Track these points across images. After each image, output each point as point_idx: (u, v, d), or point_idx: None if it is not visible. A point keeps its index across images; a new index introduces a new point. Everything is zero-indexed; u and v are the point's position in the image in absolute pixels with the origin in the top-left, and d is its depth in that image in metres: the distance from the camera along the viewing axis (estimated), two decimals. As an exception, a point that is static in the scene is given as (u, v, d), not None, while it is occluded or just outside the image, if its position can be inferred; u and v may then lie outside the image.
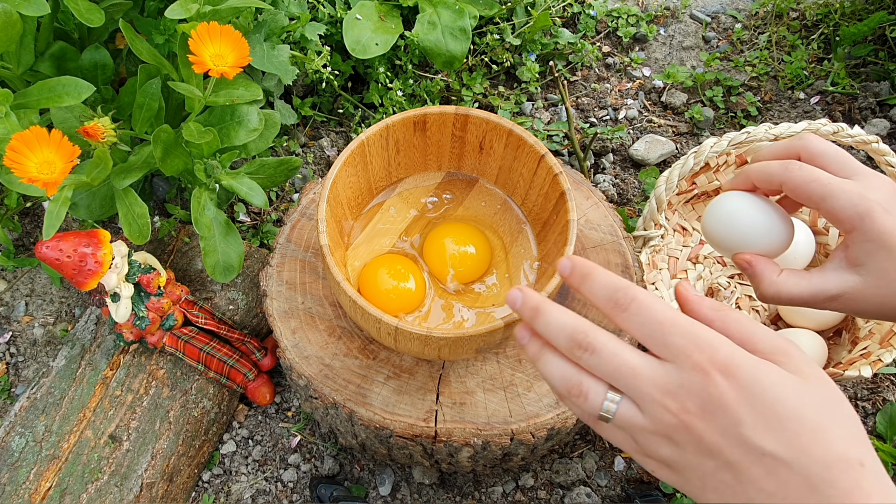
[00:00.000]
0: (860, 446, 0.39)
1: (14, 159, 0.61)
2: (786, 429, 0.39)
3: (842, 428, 0.39)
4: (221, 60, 0.67)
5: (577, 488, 0.91)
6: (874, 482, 0.38)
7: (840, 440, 0.39)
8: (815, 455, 0.38)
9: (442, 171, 0.78)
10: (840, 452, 0.39)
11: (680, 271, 1.01)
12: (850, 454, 0.39)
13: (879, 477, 0.39)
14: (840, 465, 0.38)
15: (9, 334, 1.02)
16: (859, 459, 0.39)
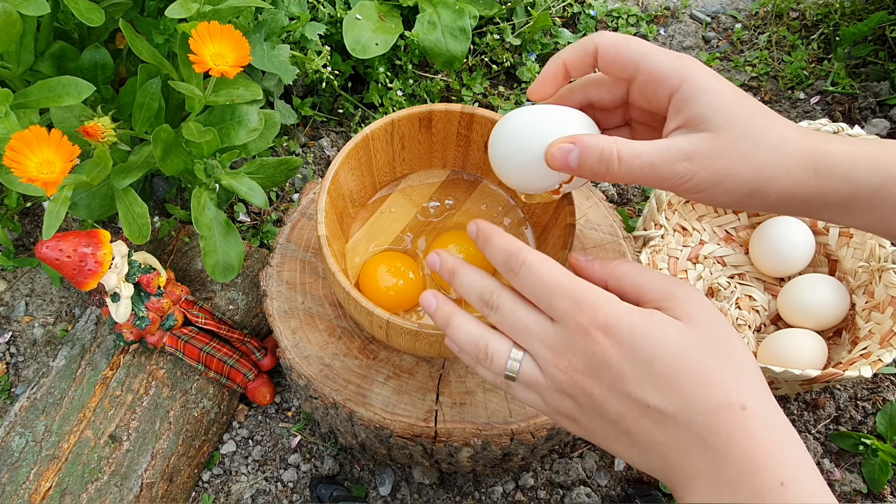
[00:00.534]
0: (743, 389, 0.39)
1: (14, 159, 0.61)
2: (667, 381, 0.39)
3: (724, 373, 0.40)
4: (222, 60, 0.67)
5: (577, 488, 0.91)
6: (757, 423, 0.38)
7: (721, 386, 0.39)
8: (697, 404, 0.39)
9: (447, 168, 0.78)
10: (721, 399, 0.39)
11: (680, 271, 1.01)
12: (732, 399, 0.39)
13: (764, 417, 0.39)
14: (721, 411, 0.39)
15: (9, 334, 1.02)
16: (741, 403, 0.39)
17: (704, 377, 0.39)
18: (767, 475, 0.37)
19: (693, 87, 0.44)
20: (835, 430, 0.95)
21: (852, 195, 0.44)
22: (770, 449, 0.38)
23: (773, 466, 0.37)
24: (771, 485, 0.37)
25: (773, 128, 0.44)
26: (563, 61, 0.50)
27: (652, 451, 0.41)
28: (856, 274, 0.94)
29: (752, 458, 0.38)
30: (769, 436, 0.38)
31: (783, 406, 0.96)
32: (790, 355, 0.87)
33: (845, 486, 0.90)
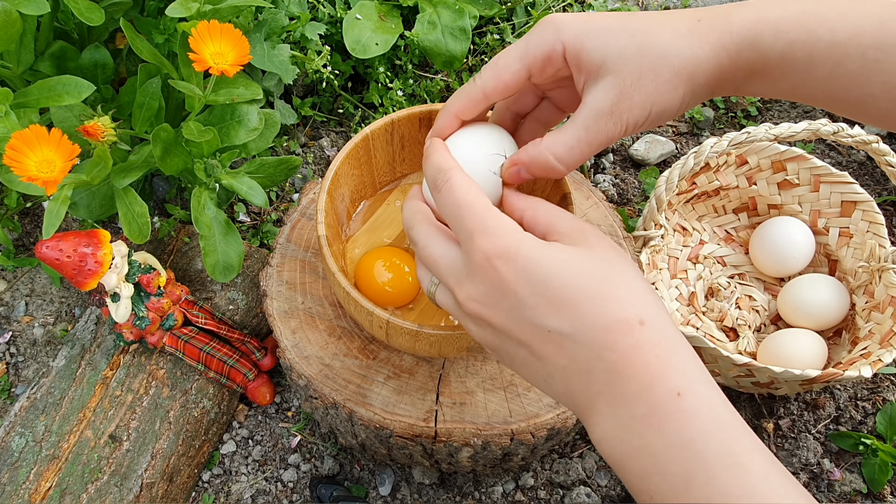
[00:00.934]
0: (641, 306, 0.39)
1: (14, 158, 0.61)
2: (564, 302, 0.40)
3: (620, 290, 0.40)
4: (222, 59, 0.67)
5: (577, 488, 0.91)
6: (654, 337, 0.39)
7: (619, 302, 0.39)
8: (595, 323, 0.39)
9: None
10: (619, 315, 0.39)
11: (680, 271, 1.01)
12: (629, 314, 0.39)
13: (661, 331, 0.39)
14: (619, 326, 0.39)
15: (9, 334, 1.02)
16: (639, 318, 0.39)
17: (602, 295, 0.39)
18: (664, 387, 0.38)
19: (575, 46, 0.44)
20: (835, 430, 0.95)
21: (764, 63, 0.43)
22: (667, 360, 0.38)
23: (669, 377, 0.38)
24: (668, 395, 0.38)
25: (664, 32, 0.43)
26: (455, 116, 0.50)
27: (556, 377, 0.41)
28: (856, 274, 0.94)
29: (649, 371, 0.38)
30: (666, 348, 0.39)
31: (783, 406, 0.96)
32: (790, 355, 0.87)
33: (845, 486, 0.90)
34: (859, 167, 1.16)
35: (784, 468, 0.38)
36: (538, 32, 0.45)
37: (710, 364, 0.86)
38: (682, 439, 0.37)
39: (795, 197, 0.99)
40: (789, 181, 0.98)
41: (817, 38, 0.42)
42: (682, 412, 0.37)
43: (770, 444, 0.92)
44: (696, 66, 0.43)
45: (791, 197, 0.99)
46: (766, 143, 0.92)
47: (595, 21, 0.44)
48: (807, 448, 0.92)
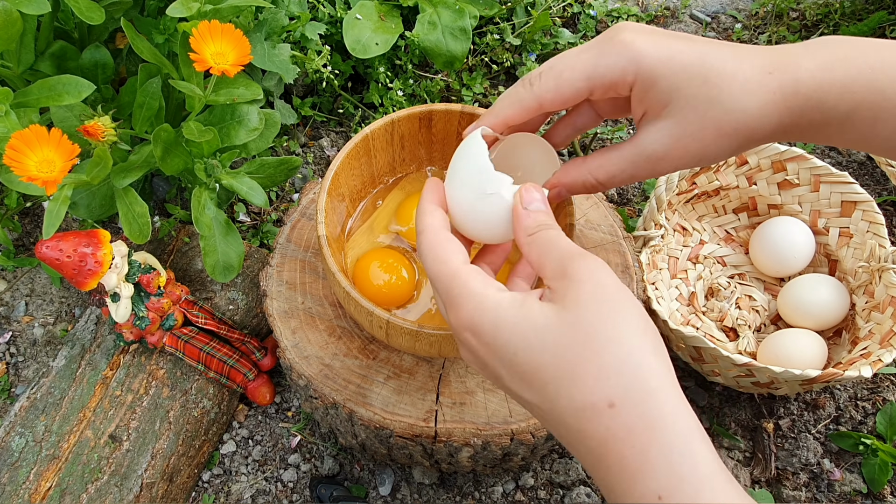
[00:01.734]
0: (611, 386, 0.36)
1: (14, 158, 0.61)
2: (531, 380, 0.38)
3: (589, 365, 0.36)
4: (222, 58, 0.67)
5: (577, 488, 0.91)
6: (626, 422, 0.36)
7: (584, 383, 0.36)
8: (563, 405, 0.37)
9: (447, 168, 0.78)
10: (586, 399, 0.36)
11: (680, 271, 1.01)
12: (596, 397, 0.36)
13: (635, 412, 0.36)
14: (587, 412, 0.36)
15: (9, 334, 1.02)
16: (608, 401, 0.36)
17: (567, 373, 0.37)
18: (646, 488, 0.35)
19: (646, 80, 0.43)
20: (835, 430, 0.95)
21: (825, 121, 0.43)
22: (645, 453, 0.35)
23: (649, 476, 0.35)
24: (649, 498, 0.35)
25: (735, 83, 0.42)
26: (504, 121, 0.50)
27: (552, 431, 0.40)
28: (856, 274, 0.94)
29: (627, 466, 0.35)
30: (641, 436, 0.35)
31: (783, 406, 0.96)
32: (790, 355, 0.87)
33: (845, 486, 0.90)
34: (859, 167, 1.16)
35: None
36: (611, 54, 0.44)
37: (710, 364, 0.86)
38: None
39: (795, 197, 0.99)
40: (789, 181, 0.98)
41: (884, 98, 0.41)
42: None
43: (770, 444, 0.92)
44: (757, 124, 0.43)
45: (791, 197, 0.99)
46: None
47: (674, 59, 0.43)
48: (807, 448, 0.92)
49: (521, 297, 0.40)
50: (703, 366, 0.88)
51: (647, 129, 0.45)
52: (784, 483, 0.90)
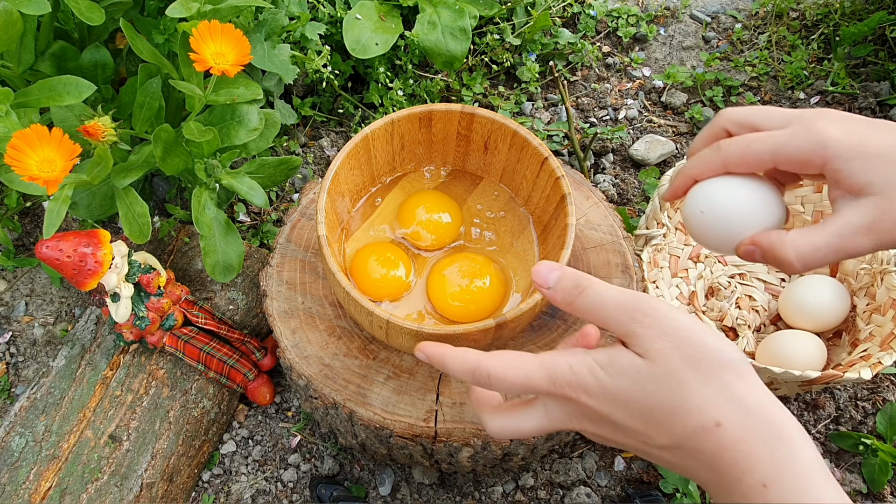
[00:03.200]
0: (713, 406, 0.42)
1: (15, 157, 0.61)
2: (647, 420, 0.43)
3: (692, 398, 0.42)
4: (222, 58, 0.67)
5: (577, 488, 0.91)
6: (734, 435, 0.41)
7: (692, 413, 0.42)
8: (678, 433, 0.42)
9: (447, 166, 0.78)
10: (695, 423, 0.42)
11: (681, 270, 1.01)
12: (705, 420, 0.41)
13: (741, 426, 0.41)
14: (699, 434, 0.41)
15: (9, 334, 1.02)
16: (715, 420, 0.41)
17: (675, 409, 0.42)
18: (752, 479, 0.40)
19: (839, 164, 0.45)
20: (835, 430, 0.95)
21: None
22: (752, 452, 0.40)
23: (756, 469, 0.40)
24: (756, 487, 0.40)
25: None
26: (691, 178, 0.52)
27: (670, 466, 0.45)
28: (857, 276, 0.94)
29: (737, 465, 0.40)
30: (748, 441, 0.40)
31: (783, 406, 0.96)
32: (789, 356, 0.87)
33: (845, 486, 0.90)
34: (859, 167, 1.16)
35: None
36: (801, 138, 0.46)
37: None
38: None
39: (798, 197, 0.99)
40: (790, 181, 0.98)
41: None
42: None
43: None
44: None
45: (794, 197, 0.99)
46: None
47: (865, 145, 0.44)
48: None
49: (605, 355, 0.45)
50: (704, 366, 0.88)
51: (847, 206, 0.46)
52: (784, 483, 0.90)
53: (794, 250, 0.47)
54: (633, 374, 0.43)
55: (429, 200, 0.74)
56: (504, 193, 0.77)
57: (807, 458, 0.40)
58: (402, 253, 0.73)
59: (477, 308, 0.69)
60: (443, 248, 0.74)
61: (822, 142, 0.45)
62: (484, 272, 0.70)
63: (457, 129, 0.72)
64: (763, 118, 0.49)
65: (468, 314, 0.68)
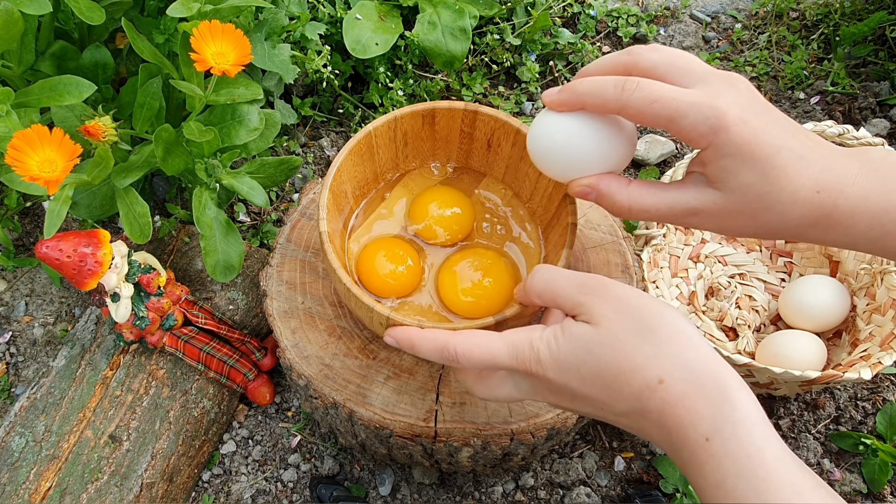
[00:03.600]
0: (656, 364, 0.43)
1: (15, 157, 0.61)
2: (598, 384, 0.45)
3: (636, 357, 0.44)
4: (223, 58, 0.67)
5: (577, 488, 0.91)
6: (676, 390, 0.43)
7: (636, 371, 0.44)
8: (626, 394, 0.44)
9: (450, 165, 0.78)
10: (641, 382, 0.44)
11: (681, 270, 1.01)
12: (648, 377, 0.43)
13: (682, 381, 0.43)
14: (646, 392, 0.43)
15: (9, 334, 1.02)
16: (658, 378, 0.43)
17: (621, 369, 0.44)
18: (695, 433, 0.42)
19: (717, 155, 0.46)
20: (835, 430, 0.95)
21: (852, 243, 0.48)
22: (694, 409, 0.42)
23: (699, 424, 0.42)
24: (699, 442, 0.42)
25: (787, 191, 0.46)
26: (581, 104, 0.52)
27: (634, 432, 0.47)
28: (857, 276, 0.94)
29: (681, 422, 0.42)
30: (689, 396, 0.42)
31: (783, 406, 0.96)
32: (789, 356, 0.87)
33: (845, 486, 0.91)
34: (859, 167, 1.16)
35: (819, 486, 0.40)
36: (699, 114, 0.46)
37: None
38: (715, 480, 0.41)
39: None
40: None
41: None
42: (713, 456, 0.41)
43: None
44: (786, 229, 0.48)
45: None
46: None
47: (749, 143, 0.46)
48: (807, 448, 0.92)
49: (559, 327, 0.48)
50: (704, 366, 0.88)
51: (696, 186, 0.49)
52: (784, 483, 0.90)
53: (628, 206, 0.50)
54: (582, 341, 0.45)
55: (441, 196, 0.74)
56: (506, 192, 0.77)
57: (746, 410, 0.42)
58: (411, 248, 0.72)
59: (488, 304, 0.69)
60: (455, 244, 0.74)
61: (716, 128, 0.45)
62: (495, 268, 0.70)
63: (460, 127, 0.72)
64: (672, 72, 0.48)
65: (478, 310, 0.68)
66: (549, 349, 0.47)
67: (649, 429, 0.45)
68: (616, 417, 0.47)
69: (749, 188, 0.46)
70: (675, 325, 0.45)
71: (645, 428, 0.45)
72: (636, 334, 0.44)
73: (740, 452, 0.40)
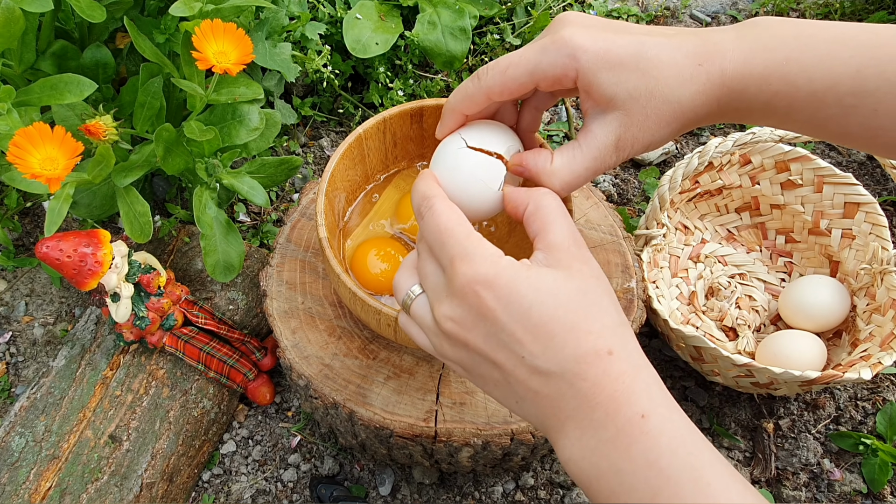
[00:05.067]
0: (611, 337, 0.42)
1: (17, 155, 0.61)
2: (541, 331, 0.42)
3: (594, 322, 0.42)
4: (225, 57, 0.67)
5: (577, 488, 0.91)
6: (620, 366, 0.42)
7: (591, 335, 0.42)
8: (568, 352, 0.42)
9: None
10: (590, 346, 0.42)
11: (681, 270, 1.01)
12: (599, 345, 0.42)
13: (627, 360, 0.42)
14: (589, 357, 0.41)
15: (9, 334, 1.01)
16: (608, 349, 0.42)
17: (577, 326, 0.42)
18: (630, 411, 0.40)
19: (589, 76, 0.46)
20: (835, 430, 0.95)
21: (749, 109, 0.47)
22: (632, 386, 0.41)
23: (635, 402, 0.41)
24: (633, 418, 0.40)
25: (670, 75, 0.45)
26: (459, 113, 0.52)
27: (528, 399, 0.44)
28: (857, 276, 0.94)
29: (616, 397, 0.41)
30: (631, 375, 0.42)
31: (783, 406, 0.96)
32: (789, 356, 0.87)
33: (845, 486, 0.90)
34: (859, 167, 1.16)
35: (743, 478, 0.40)
36: (552, 52, 0.46)
37: (709, 364, 0.86)
38: (647, 459, 0.39)
39: (798, 197, 0.99)
40: (792, 181, 0.98)
41: (797, 89, 0.45)
42: (647, 433, 0.40)
43: (770, 444, 0.92)
44: (692, 112, 0.47)
45: (794, 197, 0.99)
46: (771, 143, 0.92)
47: (610, 53, 0.45)
48: (807, 448, 0.92)
49: (527, 262, 0.44)
50: (703, 366, 0.88)
51: (596, 121, 0.48)
52: (784, 483, 0.90)
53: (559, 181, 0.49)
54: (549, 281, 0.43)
55: None
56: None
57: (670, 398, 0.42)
58: (402, 247, 0.73)
59: None
60: None
61: (572, 52, 0.45)
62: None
63: None
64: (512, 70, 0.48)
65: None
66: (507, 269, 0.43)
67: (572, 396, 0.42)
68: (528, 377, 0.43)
69: (637, 90, 0.45)
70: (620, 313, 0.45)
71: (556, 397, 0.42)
72: (605, 299, 0.44)
73: (676, 433, 0.40)
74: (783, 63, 0.45)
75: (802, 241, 1.01)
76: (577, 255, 0.45)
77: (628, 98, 0.46)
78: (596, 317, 0.43)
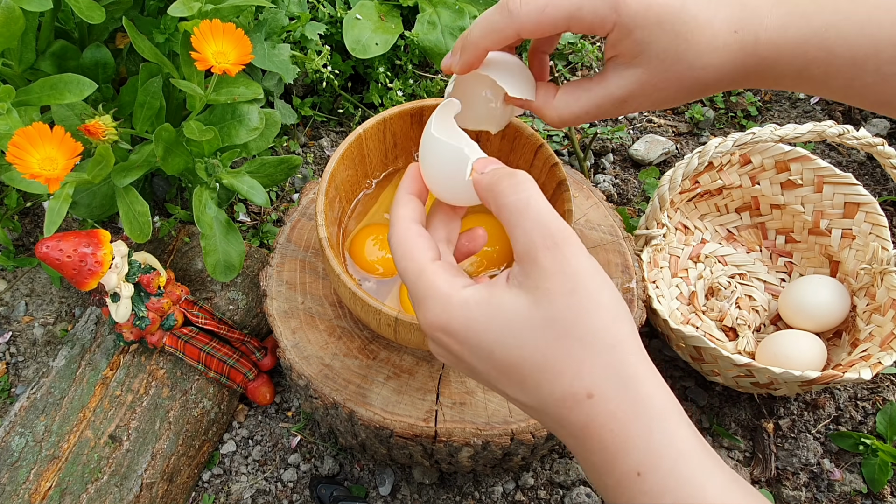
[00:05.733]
0: (589, 377, 0.37)
1: (16, 155, 0.61)
2: (511, 374, 0.39)
3: (567, 358, 0.38)
4: (224, 58, 0.67)
5: (577, 488, 0.91)
6: (606, 409, 0.37)
7: (564, 376, 0.38)
8: (544, 395, 0.38)
9: None
10: (565, 388, 0.38)
11: (681, 270, 1.01)
12: (576, 388, 0.37)
13: (614, 401, 0.37)
14: (568, 401, 0.38)
15: (9, 334, 1.01)
16: (587, 391, 0.37)
17: (546, 367, 0.38)
18: (625, 465, 0.37)
19: (625, 31, 0.45)
20: (835, 430, 0.95)
21: (779, 78, 0.46)
22: (623, 435, 0.37)
23: (628, 454, 0.37)
24: (629, 475, 0.37)
25: (703, 40, 0.44)
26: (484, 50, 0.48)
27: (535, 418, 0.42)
28: (857, 276, 0.94)
29: (607, 448, 0.37)
30: (620, 420, 0.37)
31: (783, 406, 0.96)
32: (789, 356, 0.87)
33: (845, 486, 0.90)
34: (859, 167, 1.16)
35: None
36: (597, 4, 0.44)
37: (709, 364, 0.86)
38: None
39: (798, 197, 0.99)
40: (793, 181, 0.98)
41: (836, 56, 0.43)
42: (644, 494, 0.36)
43: (770, 444, 0.92)
44: (715, 79, 0.45)
45: (794, 197, 0.99)
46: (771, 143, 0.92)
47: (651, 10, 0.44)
48: (807, 448, 0.92)
49: (488, 291, 0.40)
50: (703, 366, 0.88)
51: (616, 72, 0.47)
52: (784, 483, 0.90)
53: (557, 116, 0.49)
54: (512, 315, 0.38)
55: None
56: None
57: (685, 441, 0.37)
58: None
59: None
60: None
61: (615, 4, 0.44)
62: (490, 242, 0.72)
63: None
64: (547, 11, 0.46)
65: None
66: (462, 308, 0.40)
67: (563, 437, 0.39)
68: (521, 407, 0.41)
69: (666, 52, 0.44)
70: (620, 332, 0.38)
71: (556, 433, 0.40)
72: (575, 328, 0.38)
73: (680, 491, 0.36)
74: (822, 30, 0.43)
75: (802, 241, 1.01)
76: (548, 265, 0.38)
77: (654, 58, 0.45)
78: (569, 351, 0.38)
